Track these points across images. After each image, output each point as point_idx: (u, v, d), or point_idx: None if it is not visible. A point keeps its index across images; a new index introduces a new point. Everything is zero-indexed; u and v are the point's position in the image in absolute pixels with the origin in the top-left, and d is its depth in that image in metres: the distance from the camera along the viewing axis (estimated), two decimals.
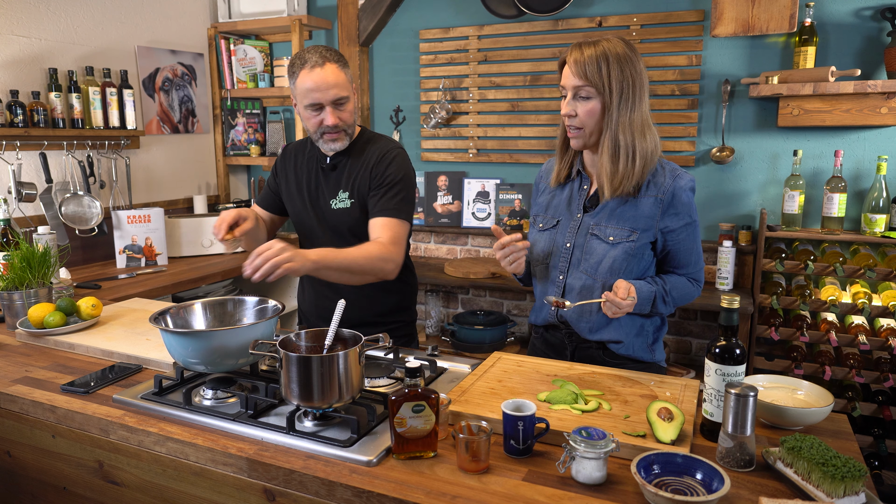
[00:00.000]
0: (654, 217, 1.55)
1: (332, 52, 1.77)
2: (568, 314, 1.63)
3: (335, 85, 1.74)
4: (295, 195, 1.95)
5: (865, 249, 2.56)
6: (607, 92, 1.48)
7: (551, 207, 1.70)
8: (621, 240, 1.56)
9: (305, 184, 1.92)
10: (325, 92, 1.73)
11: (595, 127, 1.52)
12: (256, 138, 3.80)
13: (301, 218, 1.95)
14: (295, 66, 1.76)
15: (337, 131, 1.80)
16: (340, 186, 1.87)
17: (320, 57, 1.73)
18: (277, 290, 3.59)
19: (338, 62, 1.76)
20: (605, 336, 1.60)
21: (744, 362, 1.20)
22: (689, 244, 1.59)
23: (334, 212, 1.87)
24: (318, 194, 1.91)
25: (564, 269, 1.63)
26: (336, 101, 1.76)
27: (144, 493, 1.37)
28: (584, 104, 1.51)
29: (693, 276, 1.62)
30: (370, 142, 1.89)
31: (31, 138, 2.73)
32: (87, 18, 2.98)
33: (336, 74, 1.74)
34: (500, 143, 3.34)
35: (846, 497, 1.02)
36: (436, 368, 1.57)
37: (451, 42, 3.37)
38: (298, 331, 1.35)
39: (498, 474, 1.13)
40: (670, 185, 1.54)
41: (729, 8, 2.61)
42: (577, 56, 1.49)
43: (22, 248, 1.99)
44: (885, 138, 2.64)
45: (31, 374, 1.62)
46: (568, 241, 1.63)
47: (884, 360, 2.43)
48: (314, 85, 1.72)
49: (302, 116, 1.82)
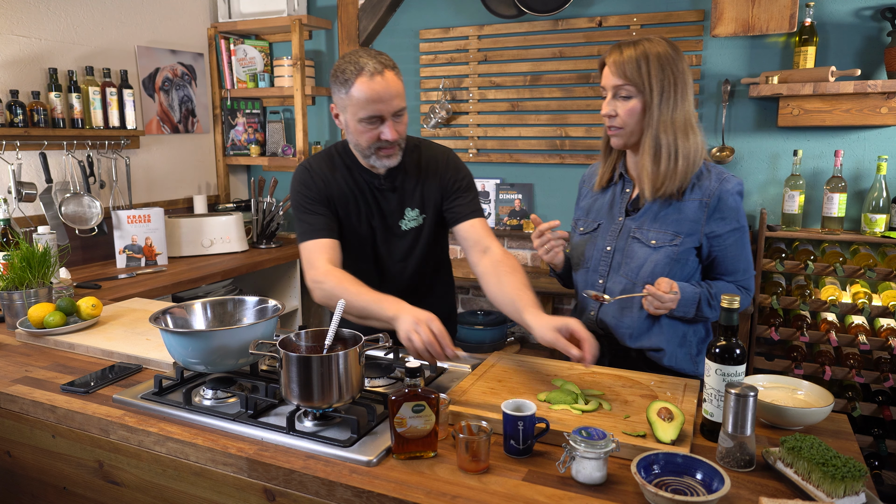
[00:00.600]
0: (699, 221, 1.52)
1: (386, 56, 1.60)
2: (608, 318, 1.60)
3: (397, 94, 1.57)
4: (354, 222, 1.73)
5: (865, 249, 2.56)
6: (648, 91, 1.46)
7: (592, 211, 1.68)
8: (664, 244, 1.53)
9: (364, 208, 1.73)
10: (387, 103, 1.55)
11: (636, 126, 1.51)
12: (256, 138, 3.80)
13: (361, 244, 1.75)
14: (347, 72, 1.55)
15: (393, 146, 1.62)
16: (407, 205, 1.74)
17: (379, 63, 1.55)
18: (278, 290, 3.59)
19: (395, 68, 1.59)
20: (645, 343, 1.58)
21: (744, 362, 1.20)
22: (737, 250, 1.54)
23: (405, 233, 1.75)
24: (380, 217, 1.74)
25: (605, 272, 1.61)
26: (397, 113, 1.59)
27: (144, 493, 1.37)
28: (623, 103, 1.50)
29: (742, 283, 1.57)
30: (417, 149, 1.77)
31: (31, 138, 2.73)
32: (87, 18, 2.98)
33: (396, 83, 1.57)
34: (500, 143, 3.34)
35: (846, 497, 1.02)
36: (436, 368, 1.57)
37: (451, 42, 3.37)
38: (298, 331, 1.35)
39: (498, 474, 1.13)
40: (716, 189, 1.51)
41: (729, 8, 2.62)
42: (617, 56, 1.49)
43: (22, 248, 1.99)
44: (885, 138, 2.64)
45: (31, 374, 1.62)
46: (608, 244, 1.61)
47: (884, 360, 2.43)
48: (376, 95, 1.53)
49: (351, 129, 1.61)
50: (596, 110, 3.12)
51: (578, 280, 1.69)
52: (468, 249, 1.73)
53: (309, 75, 3.55)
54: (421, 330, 1.36)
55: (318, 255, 1.64)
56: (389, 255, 1.77)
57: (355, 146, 1.65)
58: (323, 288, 1.58)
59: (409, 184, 1.74)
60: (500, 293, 1.58)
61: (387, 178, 1.72)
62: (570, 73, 3.14)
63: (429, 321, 1.38)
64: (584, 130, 3.15)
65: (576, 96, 3.15)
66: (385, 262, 1.78)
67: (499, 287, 1.58)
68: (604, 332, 1.63)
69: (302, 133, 3.47)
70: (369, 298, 1.49)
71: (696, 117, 1.53)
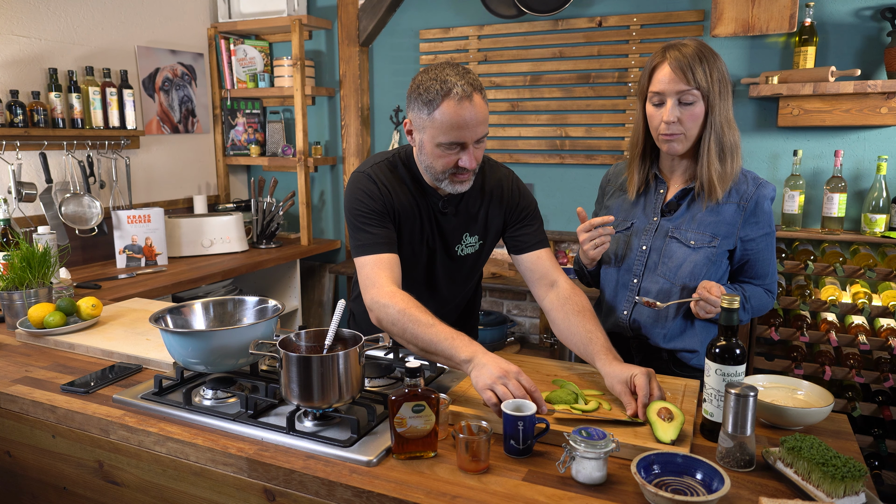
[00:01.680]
0: (735, 224, 1.53)
1: (474, 75, 1.47)
2: (643, 320, 1.60)
3: (484, 121, 1.46)
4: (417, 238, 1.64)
5: (865, 249, 2.56)
6: (712, 93, 1.45)
7: (622, 211, 1.67)
8: (703, 245, 1.53)
9: (425, 228, 1.63)
10: (473, 130, 1.44)
11: (697, 130, 1.49)
12: (256, 138, 3.80)
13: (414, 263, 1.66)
14: (432, 91, 1.43)
15: (468, 172, 1.52)
16: (465, 230, 1.66)
17: (468, 85, 1.43)
18: (278, 290, 3.59)
19: (482, 91, 1.47)
20: (679, 345, 1.58)
21: (744, 362, 1.20)
22: (768, 255, 1.57)
23: (461, 258, 1.68)
24: (440, 239, 1.65)
25: (640, 272, 1.60)
26: (479, 140, 1.49)
27: (144, 493, 1.37)
28: (688, 109, 1.46)
29: (769, 287, 1.60)
30: (481, 172, 1.67)
31: (31, 138, 2.73)
32: (87, 18, 2.98)
33: (483, 108, 1.45)
34: (500, 143, 3.34)
35: (846, 497, 1.02)
36: (436, 368, 1.57)
37: (451, 42, 3.37)
38: (298, 331, 1.35)
39: (498, 474, 1.13)
40: (753, 193, 1.52)
41: (729, 8, 2.61)
42: (680, 59, 1.44)
43: (22, 248, 1.99)
44: (885, 138, 2.64)
45: (31, 374, 1.62)
46: (644, 243, 1.60)
47: (884, 360, 2.43)
48: (462, 122, 1.42)
49: (426, 151, 1.50)
50: (596, 110, 3.13)
51: (609, 279, 1.68)
52: (533, 282, 1.66)
53: (309, 75, 3.56)
54: (510, 385, 1.24)
55: (380, 273, 1.51)
56: (442, 277, 1.70)
57: (428, 168, 1.54)
58: (388, 312, 1.43)
59: (472, 209, 1.66)
60: (569, 333, 1.53)
61: (449, 201, 1.63)
62: (570, 73, 3.14)
63: (517, 374, 1.27)
64: (584, 130, 3.15)
65: (576, 96, 3.15)
66: (436, 283, 1.70)
67: (567, 326, 1.53)
68: (634, 334, 1.63)
69: (302, 133, 3.47)
70: (441, 334, 1.36)
71: None
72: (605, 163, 3.14)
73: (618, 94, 3.08)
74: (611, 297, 1.67)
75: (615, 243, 1.65)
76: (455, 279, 1.72)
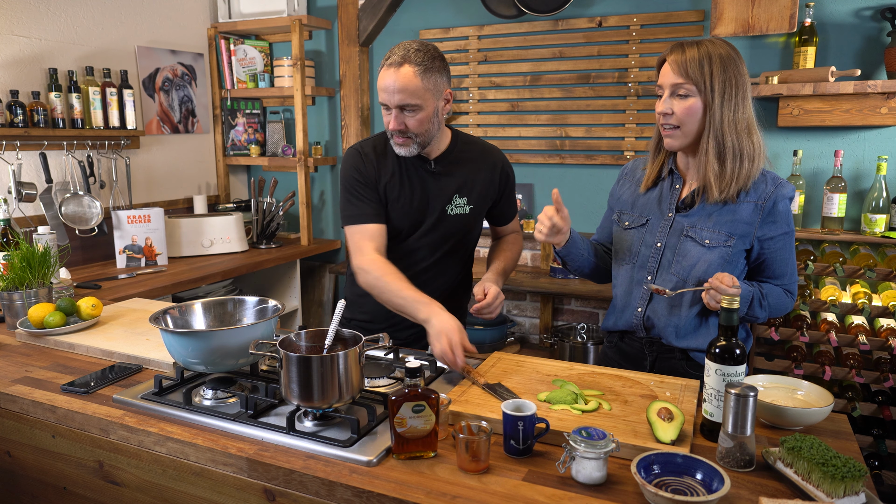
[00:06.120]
0: (753, 224, 1.52)
1: (421, 53, 1.64)
2: (656, 316, 1.60)
3: (402, 90, 1.63)
4: (405, 200, 1.79)
5: (865, 249, 2.56)
6: (708, 90, 1.46)
7: (637, 205, 1.67)
8: (718, 244, 1.53)
9: (409, 188, 1.79)
10: (391, 95, 1.64)
11: (695, 126, 1.50)
12: (256, 138, 3.80)
13: (403, 223, 1.81)
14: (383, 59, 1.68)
15: (402, 136, 1.71)
16: (456, 192, 1.83)
17: (402, 57, 1.63)
18: (278, 290, 3.59)
19: (419, 65, 1.63)
20: (691, 343, 1.58)
21: (744, 362, 1.20)
22: (786, 254, 1.56)
23: (450, 217, 1.83)
24: (428, 199, 1.81)
25: (653, 269, 1.60)
26: (403, 107, 1.66)
27: (144, 493, 1.37)
28: (681, 102, 1.49)
29: (788, 287, 1.58)
30: (474, 146, 1.89)
31: (31, 138, 2.73)
32: (87, 18, 2.98)
33: (409, 79, 1.62)
34: (500, 143, 3.33)
35: (846, 497, 1.02)
36: (436, 368, 1.57)
37: (451, 42, 3.37)
38: (298, 331, 1.35)
39: (498, 474, 1.13)
40: (772, 192, 1.52)
41: (729, 8, 2.62)
42: (679, 55, 1.48)
43: (22, 248, 1.99)
44: (885, 138, 2.64)
45: (31, 374, 1.62)
46: (658, 241, 1.60)
47: (884, 360, 2.43)
48: (382, 85, 1.65)
49: None
50: (596, 110, 3.13)
51: (621, 275, 1.67)
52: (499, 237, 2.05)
53: (309, 75, 3.55)
54: (442, 340, 1.47)
55: (365, 242, 1.73)
56: (431, 235, 1.84)
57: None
58: (367, 276, 1.69)
59: (463, 175, 1.84)
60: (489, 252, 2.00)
61: (437, 164, 1.81)
62: (570, 73, 3.14)
63: (449, 332, 1.47)
64: (584, 131, 3.15)
65: (576, 96, 3.15)
66: (424, 239, 1.84)
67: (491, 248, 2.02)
68: (646, 334, 1.63)
69: (302, 133, 3.47)
70: (407, 297, 1.60)
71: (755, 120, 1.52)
72: (605, 163, 3.14)
73: (618, 94, 3.08)
74: (624, 294, 1.66)
75: (629, 239, 1.65)
76: (443, 236, 1.85)
